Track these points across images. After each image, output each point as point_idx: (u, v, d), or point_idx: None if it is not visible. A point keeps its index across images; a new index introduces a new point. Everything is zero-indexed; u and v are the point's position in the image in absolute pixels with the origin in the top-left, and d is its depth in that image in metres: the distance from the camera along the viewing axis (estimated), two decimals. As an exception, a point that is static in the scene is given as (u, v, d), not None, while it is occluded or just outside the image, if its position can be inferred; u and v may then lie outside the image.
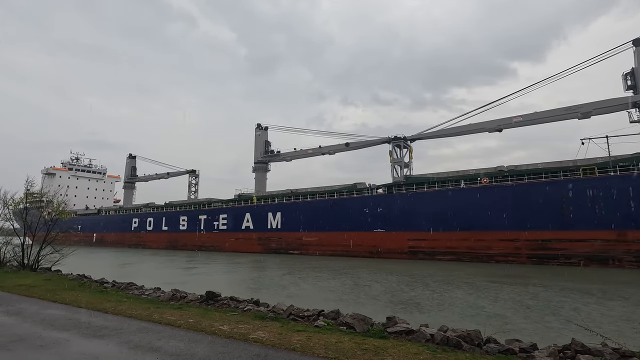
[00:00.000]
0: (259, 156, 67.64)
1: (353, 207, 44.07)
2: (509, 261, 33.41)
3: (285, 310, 9.78)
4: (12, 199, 24.36)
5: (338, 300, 17.33)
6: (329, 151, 60.12)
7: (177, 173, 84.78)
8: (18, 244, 22.81)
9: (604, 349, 6.34)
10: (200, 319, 9.15)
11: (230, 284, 24.09)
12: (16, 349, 7.10)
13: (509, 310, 15.20)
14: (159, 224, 66.46)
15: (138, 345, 7.18)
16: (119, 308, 10.55)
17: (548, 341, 8.33)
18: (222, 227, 56.99)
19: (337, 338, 7.38)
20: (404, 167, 52.30)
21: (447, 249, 36.86)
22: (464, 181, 37.97)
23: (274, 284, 23.88)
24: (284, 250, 48.75)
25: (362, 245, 42.41)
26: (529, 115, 43.82)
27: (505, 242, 33.93)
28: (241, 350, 6.76)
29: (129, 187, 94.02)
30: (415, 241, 39.02)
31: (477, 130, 47.79)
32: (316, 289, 21.29)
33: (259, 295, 14.67)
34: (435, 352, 6.47)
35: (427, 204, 38.80)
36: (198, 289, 13.61)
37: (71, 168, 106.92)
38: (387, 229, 41.04)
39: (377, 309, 14.97)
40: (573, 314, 14.22)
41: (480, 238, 35.07)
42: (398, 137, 52.83)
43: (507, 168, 36.89)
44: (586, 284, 22.30)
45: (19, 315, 9.91)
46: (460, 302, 16.94)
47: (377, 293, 19.73)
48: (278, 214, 50.58)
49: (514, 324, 12.74)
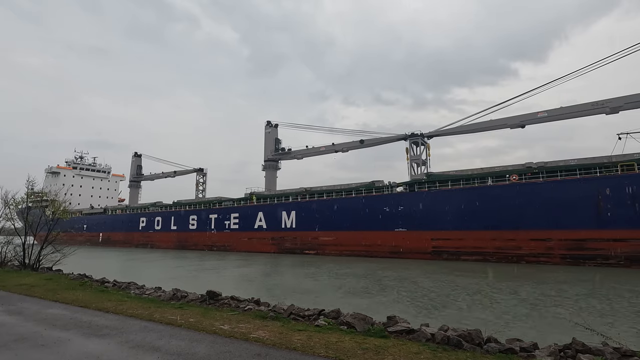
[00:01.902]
0: (269, 154, 66.25)
1: (372, 205, 42.66)
2: (540, 262, 32.00)
3: (286, 310, 9.74)
4: (13, 199, 24.28)
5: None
6: (342, 148, 58.74)
7: (185, 171, 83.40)
8: (19, 244, 22.71)
9: (605, 348, 6.30)
10: (201, 318, 9.12)
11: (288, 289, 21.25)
12: (18, 348, 7.06)
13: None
14: (168, 223, 65.07)
15: (139, 344, 7.16)
16: (119, 307, 10.48)
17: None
18: (233, 226, 55.59)
19: (337, 337, 7.35)
20: (421, 164, 50.93)
21: (474, 249, 35.45)
22: (491, 178, 36.54)
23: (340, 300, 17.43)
24: (300, 250, 47.35)
25: (382, 245, 41.00)
26: (554, 110, 42.40)
27: (537, 241, 32.50)
28: (242, 349, 6.74)
29: (134, 186, 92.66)
30: (439, 241, 37.61)
31: (499, 126, 46.37)
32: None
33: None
34: (436, 352, 6.43)
35: (452, 202, 37.37)
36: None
37: (75, 167, 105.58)
38: (409, 228, 39.65)
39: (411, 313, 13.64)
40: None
41: (510, 237, 33.65)
42: (415, 134, 51.44)
43: (536, 165, 35.43)
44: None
45: (20, 315, 9.87)
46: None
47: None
48: (292, 213, 49.16)
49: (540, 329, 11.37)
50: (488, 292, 19.39)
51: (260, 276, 28.77)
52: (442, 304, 16.34)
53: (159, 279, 21.86)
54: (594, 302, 16.40)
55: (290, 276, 28.67)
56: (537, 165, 35.34)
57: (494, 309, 15.15)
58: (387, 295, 18.83)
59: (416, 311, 14.94)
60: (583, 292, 19.03)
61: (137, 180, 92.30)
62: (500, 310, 15.07)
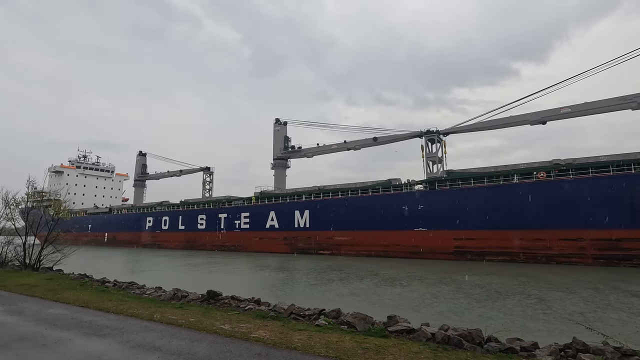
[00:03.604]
0: (278, 152, 64.86)
1: (391, 204, 41.36)
2: (572, 262, 30.70)
3: (287, 310, 9.65)
4: (13, 199, 24.46)
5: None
6: (354, 146, 57.34)
7: (191, 170, 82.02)
8: (20, 244, 22.75)
9: (605, 348, 6.27)
10: (201, 318, 9.06)
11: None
12: (18, 348, 7.01)
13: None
14: (175, 223, 63.78)
15: (140, 344, 7.12)
16: (120, 307, 10.44)
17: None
18: (244, 226, 54.30)
19: (338, 337, 7.30)
20: (437, 162, 49.58)
21: (500, 249, 34.15)
22: (517, 176, 35.23)
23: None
24: (314, 250, 46.06)
25: (400, 245, 39.72)
26: (579, 105, 40.98)
27: (568, 241, 31.19)
28: (242, 349, 6.69)
29: (139, 185, 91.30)
30: (462, 240, 36.30)
31: (519, 122, 44.95)
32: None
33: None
34: (436, 351, 6.37)
35: (475, 200, 36.06)
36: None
37: (79, 166, 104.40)
38: (429, 228, 38.34)
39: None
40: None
41: (539, 237, 32.34)
42: (431, 131, 49.98)
43: (563, 161, 34.13)
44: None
45: (21, 315, 9.82)
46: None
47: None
48: (306, 212, 47.86)
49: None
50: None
51: (306, 287, 21.60)
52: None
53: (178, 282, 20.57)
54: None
55: (352, 286, 21.32)
56: (565, 162, 34.04)
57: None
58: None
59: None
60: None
61: (142, 179, 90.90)
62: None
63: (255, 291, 18.11)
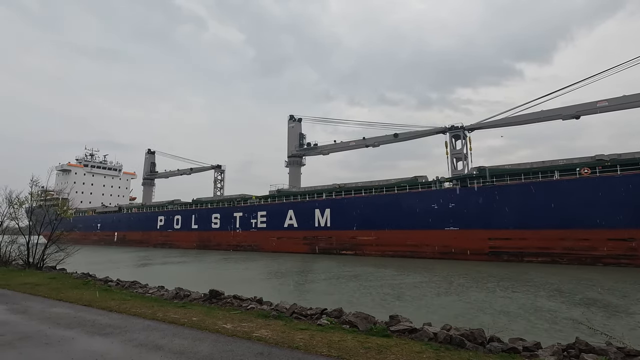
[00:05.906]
0: (293, 149, 63.29)
1: (419, 202, 39.54)
2: (621, 264, 28.84)
3: (289, 309, 9.64)
4: (17, 198, 24.58)
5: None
6: (373, 143, 55.62)
7: (202, 169, 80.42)
8: (23, 243, 22.84)
9: (608, 348, 6.22)
10: (203, 317, 9.04)
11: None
12: (22, 346, 6.98)
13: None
14: (188, 222, 62.17)
15: (142, 343, 7.08)
16: (123, 306, 10.44)
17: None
18: (260, 225, 52.59)
19: (340, 336, 7.25)
20: (463, 159, 47.76)
21: (539, 250, 32.30)
22: (559, 172, 33.34)
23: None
24: (336, 250, 44.30)
25: (430, 245, 37.93)
26: (616, 99, 39.11)
27: (616, 241, 29.31)
28: (244, 348, 6.65)
29: (148, 183, 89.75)
30: (497, 240, 34.45)
31: (551, 117, 43.16)
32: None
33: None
34: (438, 351, 6.31)
35: (512, 198, 34.20)
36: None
37: (86, 164, 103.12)
38: (461, 227, 36.52)
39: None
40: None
41: (583, 237, 30.47)
42: (456, 127, 48.23)
43: (607, 156, 32.23)
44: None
45: (24, 314, 9.82)
46: None
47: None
48: (327, 210, 46.10)
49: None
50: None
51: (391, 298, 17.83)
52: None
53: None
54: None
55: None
56: (609, 157, 32.13)
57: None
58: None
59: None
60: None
61: (151, 177, 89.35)
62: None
63: (257, 290, 17.24)
